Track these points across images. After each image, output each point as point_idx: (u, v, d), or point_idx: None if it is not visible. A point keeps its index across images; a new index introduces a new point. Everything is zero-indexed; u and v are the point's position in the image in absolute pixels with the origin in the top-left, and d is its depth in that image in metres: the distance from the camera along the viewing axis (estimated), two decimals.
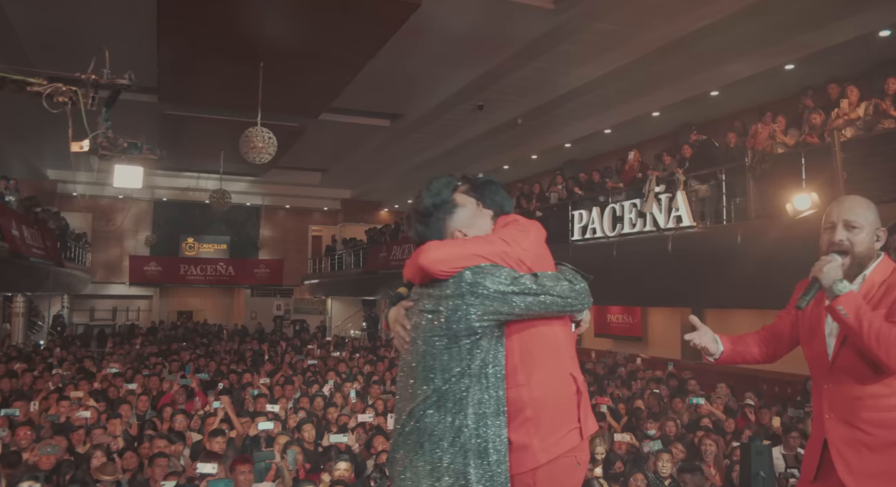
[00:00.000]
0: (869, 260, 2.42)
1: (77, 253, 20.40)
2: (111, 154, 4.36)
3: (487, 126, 15.36)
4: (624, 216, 10.17)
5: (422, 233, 2.06)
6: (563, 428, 1.96)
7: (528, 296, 1.90)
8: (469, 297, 1.87)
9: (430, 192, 2.07)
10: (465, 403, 1.86)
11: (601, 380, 10.72)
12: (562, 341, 2.04)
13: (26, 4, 10.35)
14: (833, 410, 2.38)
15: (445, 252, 1.95)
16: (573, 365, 2.07)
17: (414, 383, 1.94)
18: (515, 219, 2.12)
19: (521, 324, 1.97)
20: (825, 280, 2.31)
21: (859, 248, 2.40)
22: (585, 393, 2.07)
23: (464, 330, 1.88)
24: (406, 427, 1.92)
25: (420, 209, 2.07)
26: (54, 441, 6.00)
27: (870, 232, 2.40)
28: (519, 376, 1.96)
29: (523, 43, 11.06)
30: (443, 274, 1.92)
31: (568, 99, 13.04)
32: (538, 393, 1.95)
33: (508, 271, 1.93)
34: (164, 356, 13.23)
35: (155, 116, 16.06)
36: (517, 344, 1.97)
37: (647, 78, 11.68)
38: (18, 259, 12.46)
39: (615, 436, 6.35)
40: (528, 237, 2.05)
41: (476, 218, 2.11)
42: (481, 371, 1.89)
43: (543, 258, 2.07)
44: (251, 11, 10.06)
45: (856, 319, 2.21)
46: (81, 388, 8.62)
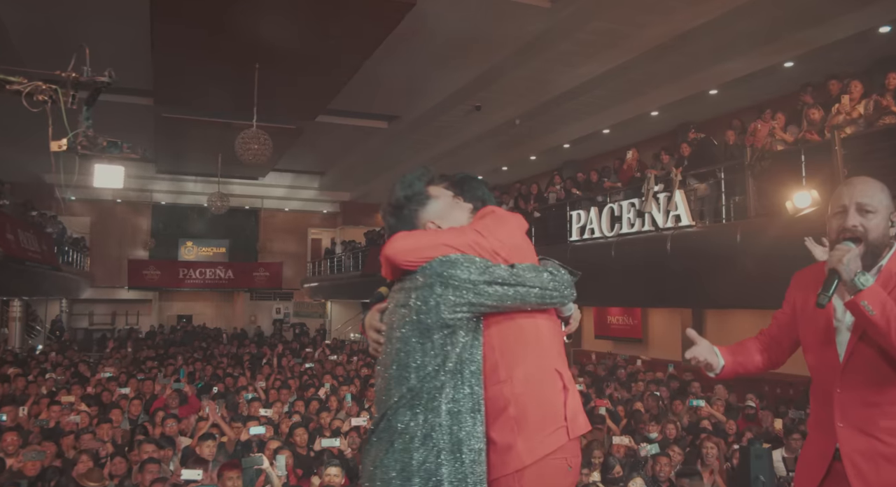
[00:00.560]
0: (884, 248, 2.14)
1: (75, 258, 20.31)
2: (90, 153, 4.26)
3: (485, 127, 15.27)
4: (622, 216, 10.06)
5: (393, 225, 1.97)
6: (548, 427, 1.85)
7: (502, 286, 1.81)
8: (438, 288, 1.78)
9: (403, 184, 1.99)
10: (439, 400, 1.77)
11: (600, 382, 10.60)
12: (546, 335, 1.94)
13: (19, 7, 10.29)
14: (846, 418, 2.10)
15: (412, 242, 1.87)
16: (559, 361, 1.96)
17: (388, 382, 1.83)
18: (493, 211, 2.02)
19: (500, 317, 1.87)
20: (846, 272, 2.01)
21: (874, 235, 2.12)
22: (573, 390, 1.94)
23: (435, 324, 1.78)
24: (378, 426, 1.83)
25: (393, 201, 1.99)
26: (42, 446, 5.91)
27: (885, 216, 2.13)
28: (500, 372, 1.86)
29: (520, 42, 10.98)
30: (409, 264, 1.84)
31: (566, 99, 12.94)
32: (521, 389, 1.84)
33: (481, 261, 1.83)
34: (161, 360, 13.13)
35: (152, 119, 15.98)
36: (497, 339, 1.88)
37: (646, 77, 11.58)
38: (13, 262, 12.37)
39: (613, 439, 6.23)
40: (505, 227, 1.95)
41: (451, 210, 2.02)
42: (457, 367, 1.80)
43: (523, 250, 1.97)
44: (245, 13, 9.97)
45: (882, 316, 1.93)
46: (74, 393, 8.53)
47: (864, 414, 2.06)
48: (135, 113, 15.54)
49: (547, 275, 1.89)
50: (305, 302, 27.51)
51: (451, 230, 1.93)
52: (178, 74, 12.82)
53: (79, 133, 4.41)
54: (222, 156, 17.93)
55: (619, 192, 10.96)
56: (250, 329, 25.05)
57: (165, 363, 12.45)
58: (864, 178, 2.20)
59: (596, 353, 16.01)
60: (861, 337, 2.09)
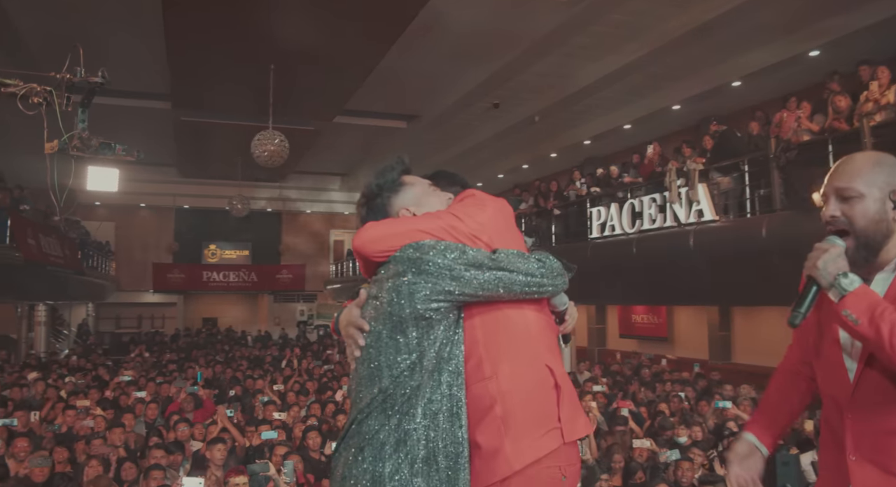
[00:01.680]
0: (884, 237, 1.70)
1: (99, 262, 20.48)
2: (83, 155, 4.16)
3: (504, 124, 15.14)
4: (643, 212, 9.82)
5: (364, 217, 1.83)
6: (539, 428, 1.64)
7: (483, 271, 1.62)
8: (411, 275, 1.60)
9: (376, 174, 1.86)
10: (414, 402, 1.59)
11: (623, 383, 10.36)
12: (535, 328, 1.74)
13: (36, 14, 10.34)
14: (860, 450, 1.70)
15: (381, 229, 1.71)
16: (551, 357, 1.75)
17: (359, 384, 1.66)
18: (472, 194, 1.84)
19: (483, 308, 1.69)
20: (822, 277, 1.65)
21: (861, 223, 1.70)
22: (568, 388, 1.74)
23: (410, 317, 1.60)
24: (347, 432, 1.65)
25: (365, 192, 1.85)
26: (56, 451, 5.85)
27: (876, 197, 1.70)
28: (485, 367, 1.67)
29: (536, 37, 10.79)
30: (380, 254, 1.69)
31: (585, 94, 12.73)
32: (507, 385, 1.65)
33: (458, 245, 1.65)
34: (181, 363, 13.13)
35: (170, 123, 16.04)
36: (481, 331, 1.69)
37: (666, 70, 11.34)
38: (34, 267, 12.45)
39: (633, 443, 6.00)
40: (485, 211, 1.75)
41: (427, 197, 1.87)
42: (436, 365, 1.62)
43: (506, 235, 1.77)
44: (259, 13, 9.90)
45: (870, 325, 1.55)
46: (91, 397, 8.50)
47: (879, 445, 1.66)
48: (154, 117, 15.63)
49: (534, 262, 1.70)
50: (329, 304, 27.50)
51: (424, 215, 1.77)
52: (194, 77, 12.82)
53: (74, 135, 4.33)
54: (243, 159, 17.96)
55: (640, 188, 10.71)
56: (275, 331, 25.08)
57: (185, 366, 12.43)
58: (849, 157, 1.82)
59: (621, 352, 15.75)
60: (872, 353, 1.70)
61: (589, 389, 8.79)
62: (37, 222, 13.15)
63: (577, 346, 14.48)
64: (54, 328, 19.96)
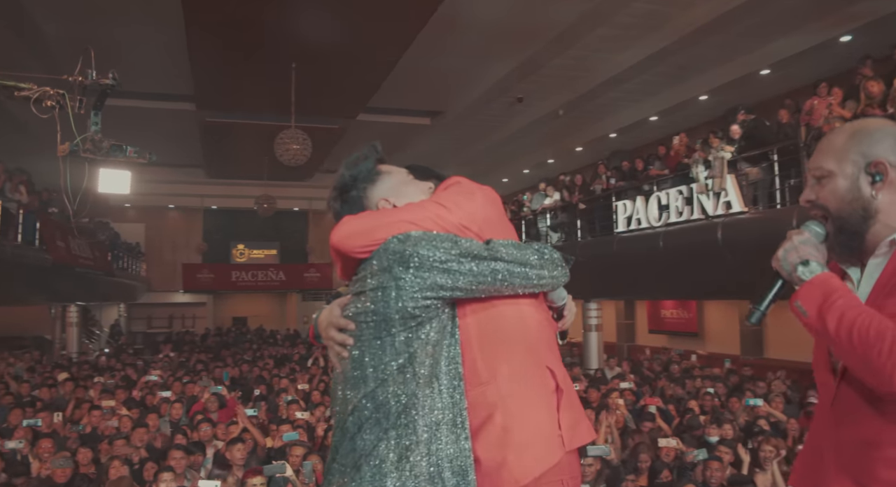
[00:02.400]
0: (861, 218, 1.45)
1: (129, 263, 20.75)
2: (95, 157, 4.14)
3: (529, 118, 15.00)
4: (670, 204, 9.62)
5: (339, 211, 1.67)
6: (543, 437, 1.50)
7: (478, 262, 1.47)
8: (398, 270, 1.45)
9: (349, 164, 1.70)
10: (413, 412, 1.43)
11: (651, 379, 10.17)
12: (533, 325, 1.58)
13: (60, 18, 10.45)
14: (841, 461, 1.45)
15: (361, 223, 1.56)
16: (551, 357, 1.60)
17: (344, 390, 1.51)
18: (458, 181, 1.67)
19: (476, 304, 1.54)
20: (783, 267, 1.47)
21: (832, 205, 1.48)
22: (569, 391, 1.59)
23: (397, 315, 1.45)
24: (340, 446, 1.48)
25: (338, 184, 1.69)
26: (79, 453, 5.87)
27: (848, 174, 1.46)
28: (481, 371, 1.51)
29: (558, 29, 10.66)
30: (361, 251, 1.53)
31: (609, 86, 12.54)
32: (507, 390, 1.50)
33: (448, 235, 1.50)
34: (207, 363, 13.21)
35: (196, 125, 16.16)
36: (475, 331, 1.53)
37: (692, 60, 11.10)
38: (64, 269, 12.62)
39: (659, 442, 5.84)
40: (473, 200, 1.60)
41: (406, 186, 1.71)
42: (432, 370, 1.46)
43: (498, 226, 1.62)
44: (277, 13, 9.90)
45: (818, 317, 1.36)
46: (117, 397, 8.56)
47: (860, 458, 1.41)
48: (181, 119, 15.76)
49: (532, 252, 1.56)
50: None
51: (407, 205, 1.62)
52: (217, 78, 12.88)
53: (86, 137, 4.32)
54: (268, 159, 18.05)
55: (666, 180, 10.49)
56: (304, 330, 25.21)
57: (211, 366, 12.50)
58: (829, 131, 1.62)
59: (650, 348, 15.52)
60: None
61: (616, 386, 8.63)
62: (66, 224, 13.31)
63: (606, 342, 14.28)
64: (87, 328, 20.28)
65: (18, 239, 10.69)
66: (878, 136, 1.46)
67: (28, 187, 11.70)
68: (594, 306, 13.05)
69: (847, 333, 1.30)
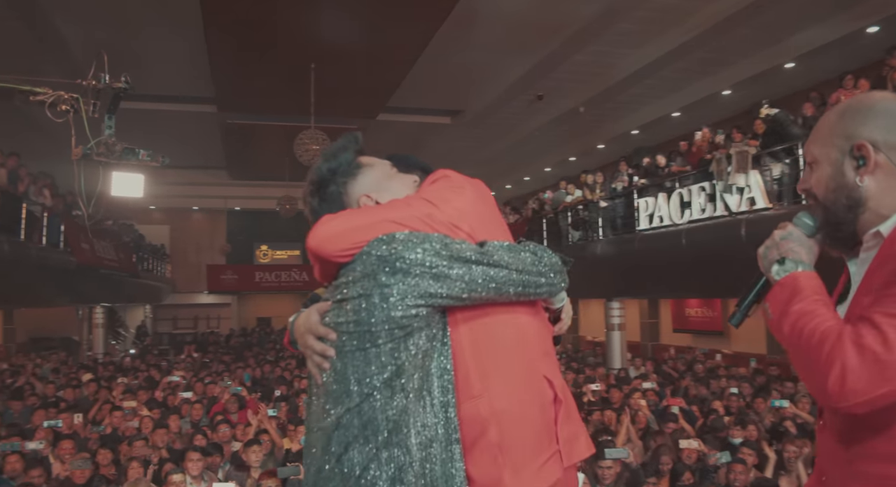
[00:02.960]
0: (846, 207, 1.28)
1: (154, 264, 20.97)
2: (108, 160, 4.15)
3: (549, 116, 14.92)
4: (692, 201, 9.46)
5: (317, 209, 1.52)
6: (540, 454, 1.38)
7: (471, 267, 1.33)
8: (383, 276, 1.31)
9: (327, 156, 1.54)
10: (404, 429, 1.30)
11: (675, 379, 10.02)
12: (529, 331, 1.46)
13: (81, 23, 10.55)
14: (826, 470, 1.35)
15: (341, 223, 1.40)
16: (548, 365, 1.48)
17: (325, 405, 1.36)
18: (446, 175, 1.52)
19: (469, 312, 1.40)
20: (763, 265, 1.36)
21: (820, 193, 1.33)
22: (569, 401, 1.48)
23: (382, 325, 1.30)
24: (324, 467, 1.33)
25: (315, 179, 1.53)
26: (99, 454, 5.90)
27: (833, 159, 1.30)
28: (473, 383, 1.38)
29: (578, 25, 10.55)
30: (342, 254, 1.37)
31: (630, 83, 12.41)
32: (501, 404, 1.37)
33: (437, 236, 1.36)
34: (230, 363, 13.28)
35: (217, 126, 16.27)
36: (467, 340, 1.40)
37: (714, 54, 10.94)
38: (89, 271, 12.76)
39: (680, 443, 5.72)
40: (463, 195, 1.46)
41: (390, 180, 1.56)
42: (422, 381, 1.33)
43: (490, 225, 1.48)
44: (294, 14, 9.91)
45: (778, 321, 1.25)
46: (139, 398, 8.61)
47: (843, 463, 1.28)
48: (203, 121, 15.89)
49: (528, 255, 1.41)
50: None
51: (392, 203, 1.46)
52: (236, 80, 12.95)
53: (100, 141, 4.34)
54: (290, 160, 18.12)
55: (688, 177, 10.33)
56: None
57: (233, 366, 12.56)
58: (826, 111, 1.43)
59: (674, 347, 15.32)
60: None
61: (638, 386, 8.51)
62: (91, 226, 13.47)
63: (629, 341, 14.13)
64: (113, 330, 20.53)
65: (43, 241, 10.83)
66: (866, 114, 1.28)
67: (52, 190, 11.83)
68: (616, 305, 12.91)
69: (796, 339, 1.20)
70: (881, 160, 1.25)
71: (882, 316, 1.12)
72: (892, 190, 1.25)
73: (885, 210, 1.25)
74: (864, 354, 1.10)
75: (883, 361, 1.09)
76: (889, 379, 1.09)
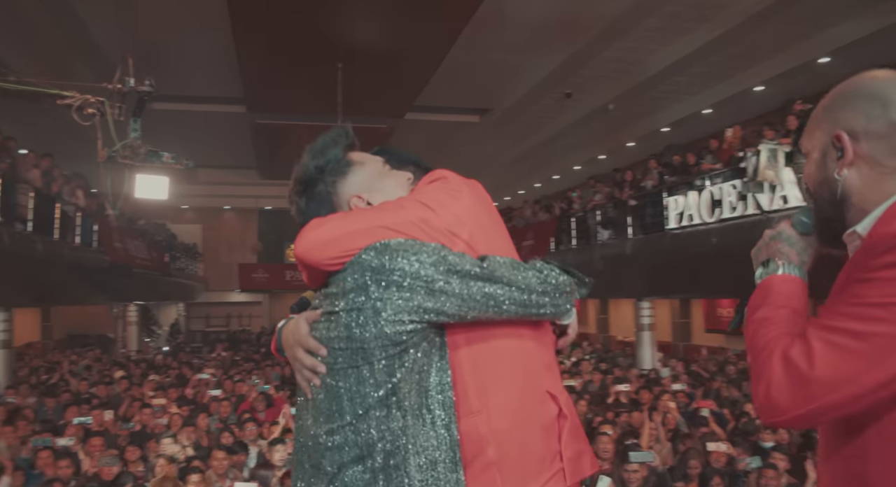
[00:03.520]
0: (829, 202, 1.17)
1: (187, 263, 21.27)
2: (132, 163, 4.21)
3: (578, 114, 14.80)
4: (723, 199, 9.29)
5: (304, 209, 1.43)
6: (543, 473, 1.31)
7: (468, 283, 1.24)
8: (375, 289, 1.22)
9: (314, 152, 1.43)
10: (403, 451, 1.22)
11: (706, 380, 9.85)
12: (533, 346, 1.38)
13: (111, 25, 10.73)
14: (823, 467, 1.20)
15: (331, 229, 1.31)
16: (551, 379, 1.39)
17: (315, 421, 1.29)
18: (444, 176, 1.41)
19: (467, 325, 1.31)
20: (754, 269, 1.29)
21: (812, 186, 1.21)
22: (573, 417, 1.39)
23: (375, 341, 1.22)
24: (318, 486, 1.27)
25: (302, 176, 1.43)
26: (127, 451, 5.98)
27: (818, 149, 1.18)
28: (471, 400, 1.30)
29: (605, 21, 10.43)
30: (331, 263, 1.28)
31: (660, 79, 12.26)
32: (501, 422, 1.30)
33: (436, 246, 1.26)
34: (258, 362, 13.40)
35: (247, 127, 16.43)
36: (465, 353, 1.32)
37: (746, 49, 10.73)
38: (122, 269, 12.98)
39: (708, 446, 5.61)
40: (461, 200, 1.35)
41: (383, 179, 1.46)
42: (420, 398, 1.25)
43: (490, 232, 1.38)
44: (321, 14, 9.95)
45: (746, 329, 1.20)
46: (169, 395, 8.72)
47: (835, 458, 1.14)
48: (232, 121, 16.05)
49: (533, 274, 1.31)
50: None
51: (385, 206, 1.36)
52: (265, 80, 13.05)
53: (125, 143, 4.40)
54: None
55: (719, 175, 10.15)
56: None
57: (263, 364, 12.67)
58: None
59: (707, 348, 15.08)
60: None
61: (668, 388, 8.39)
62: (123, 226, 13.70)
63: (660, 341, 13.95)
64: (147, 327, 20.88)
65: (77, 241, 11.03)
66: (847, 99, 1.16)
67: (85, 191, 12.05)
68: (647, 305, 12.75)
69: (749, 347, 1.13)
70: (863, 151, 1.12)
71: (816, 328, 1.04)
72: (876, 184, 1.11)
73: (868, 206, 1.12)
74: (789, 369, 1.03)
75: (805, 377, 1.01)
76: (812, 397, 1.01)
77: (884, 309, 0.98)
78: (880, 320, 0.97)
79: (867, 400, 0.99)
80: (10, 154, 10.00)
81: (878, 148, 1.11)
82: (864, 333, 0.98)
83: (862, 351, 0.98)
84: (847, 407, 1.01)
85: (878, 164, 1.11)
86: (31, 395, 9.09)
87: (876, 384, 0.97)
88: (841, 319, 1.02)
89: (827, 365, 1.00)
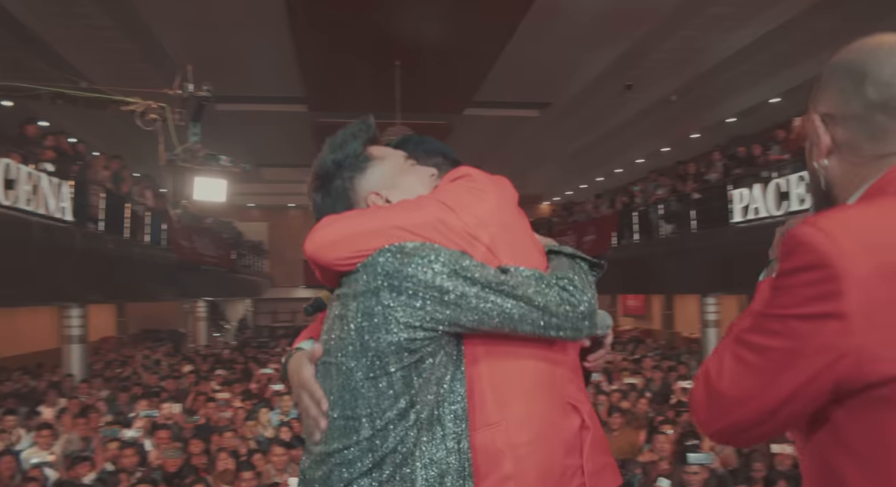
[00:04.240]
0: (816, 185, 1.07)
1: (253, 260, 21.82)
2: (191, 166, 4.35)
3: (639, 106, 14.54)
4: (790, 192, 8.95)
5: (319, 205, 1.37)
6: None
7: (485, 295, 1.17)
8: (387, 296, 1.17)
9: (333, 145, 1.36)
10: (410, 463, 1.18)
11: None
12: (557, 355, 1.31)
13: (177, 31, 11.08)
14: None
15: (343, 228, 1.25)
16: (574, 389, 1.33)
17: (331, 439, 1.21)
18: (468, 174, 1.32)
19: (487, 334, 1.24)
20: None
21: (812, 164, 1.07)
22: (596, 428, 1.33)
23: (389, 350, 1.16)
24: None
25: (319, 171, 1.36)
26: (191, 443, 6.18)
27: (809, 132, 1.04)
28: (490, 411, 1.24)
29: (666, 10, 10.18)
30: (343, 263, 1.22)
31: (724, 68, 11.92)
32: (520, 435, 1.23)
33: (453, 252, 1.19)
34: None
35: (308, 126, 16.72)
36: (484, 362, 1.26)
37: (815, 35, 10.30)
38: (190, 267, 13.41)
39: (772, 447, 5.42)
40: (485, 200, 1.27)
41: (404, 175, 1.37)
42: (434, 411, 1.21)
43: (515, 236, 1.30)
44: (378, 13, 10.05)
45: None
46: (233, 389, 8.96)
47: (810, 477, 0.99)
48: (293, 121, 16.37)
49: (555, 293, 1.22)
50: None
51: (402, 205, 1.29)
52: (324, 80, 13.29)
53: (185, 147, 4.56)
54: None
55: (786, 166, 9.78)
56: None
57: None
58: None
59: None
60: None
61: None
62: (192, 225, 14.14)
63: None
64: (216, 323, 21.52)
65: (146, 239, 11.45)
66: (829, 78, 1.02)
67: (153, 192, 12.48)
68: (712, 300, 12.42)
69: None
70: (840, 136, 0.99)
71: (730, 339, 0.96)
72: (852, 173, 0.99)
73: (848, 197, 0.99)
74: (706, 382, 0.96)
75: (716, 392, 0.94)
76: (725, 413, 0.94)
77: (779, 321, 0.89)
78: (775, 333, 0.89)
79: (782, 416, 0.90)
80: (82, 157, 10.43)
81: (856, 132, 0.97)
82: (762, 347, 0.90)
83: (760, 367, 0.90)
84: (767, 424, 0.92)
85: (857, 150, 0.98)
86: (104, 388, 9.50)
87: (776, 401, 0.89)
88: (749, 331, 0.93)
89: (731, 380, 0.93)
